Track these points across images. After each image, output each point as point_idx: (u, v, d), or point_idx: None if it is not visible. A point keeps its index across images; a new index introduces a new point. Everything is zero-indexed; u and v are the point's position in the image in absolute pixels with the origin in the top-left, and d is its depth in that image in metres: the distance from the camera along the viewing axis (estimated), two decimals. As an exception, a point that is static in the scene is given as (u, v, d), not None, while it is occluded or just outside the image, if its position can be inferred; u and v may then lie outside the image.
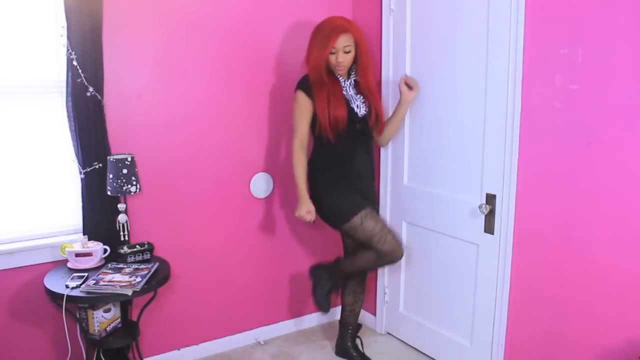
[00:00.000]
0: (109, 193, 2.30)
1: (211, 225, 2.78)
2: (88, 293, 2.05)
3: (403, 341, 3.01)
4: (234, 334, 2.96)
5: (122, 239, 2.37)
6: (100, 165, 2.34)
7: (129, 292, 2.06)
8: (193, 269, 2.75)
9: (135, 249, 2.36)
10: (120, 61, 2.41)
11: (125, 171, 2.27)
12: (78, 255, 2.27)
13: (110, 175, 2.27)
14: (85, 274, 2.19)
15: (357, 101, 2.52)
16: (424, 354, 2.87)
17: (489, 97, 2.32)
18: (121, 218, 2.36)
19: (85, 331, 2.25)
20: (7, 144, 2.30)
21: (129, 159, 2.30)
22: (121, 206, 2.36)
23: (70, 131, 2.30)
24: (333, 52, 2.42)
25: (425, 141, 2.71)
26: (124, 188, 2.28)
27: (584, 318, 2.07)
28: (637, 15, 1.79)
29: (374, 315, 3.17)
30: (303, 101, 2.48)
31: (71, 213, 2.44)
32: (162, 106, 2.56)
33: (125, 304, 2.40)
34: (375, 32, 2.88)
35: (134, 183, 2.31)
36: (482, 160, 2.39)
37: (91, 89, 2.27)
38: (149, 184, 2.53)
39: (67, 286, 2.08)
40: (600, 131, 1.94)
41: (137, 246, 2.39)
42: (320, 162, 2.57)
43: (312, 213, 2.51)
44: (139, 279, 2.14)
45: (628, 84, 1.84)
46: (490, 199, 2.36)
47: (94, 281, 2.11)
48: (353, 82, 2.54)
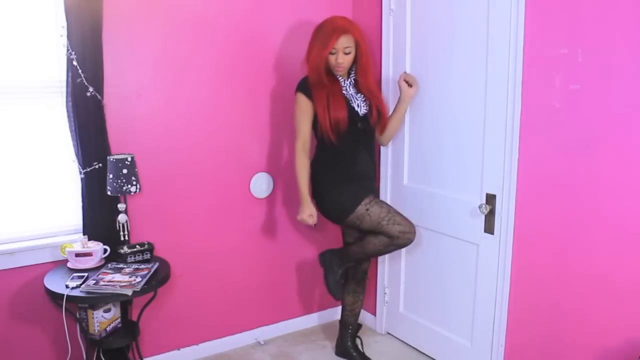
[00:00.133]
0: (109, 193, 2.30)
1: (211, 225, 2.78)
2: (88, 293, 2.05)
3: (403, 341, 3.01)
4: (234, 334, 2.96)
5: (122, 239, 2.38)
6: (100, 165, 2.34)
7: (129, 292, 2.06)
8: (193, 269, 2.75)
9: (135, 249, 2.36)
10: (120, 61, 2.41)
11: (125, 171, 2.27)
12: (78, 255, 2.27)
13: (110, 175, 2.27)
14: (85, 274, 2.19)
15: (358, 100, 2.51)
16: (424, 354, 2.87)
17: (489, 97, 2.32)
18: (121, 218, 2.36)
19: (85, 331, 2.25)
20: (7, 144, 2.30)
21: (129, 159, 2.30)
22: (121, 206, 2.36)
23: (70, 131, 2.30)
24: (333, 53, 2.42)
25: (425, 141, 2.71)
26: (124, 188, 2.28)
27: (584, 318, 2.07)
28: (637, 15, 1.79)
29: (374, 315, 3.17)
30: (303, 103, 2.48)
31: (71, 213, 2.44)
32: (162, 106, 2.56)
33: (125, 304, 2.40)
34: (375, 32, 2.88)
35: (134, 183, 2.31)
36: (482, 160, 2.39)
37: (91, 89, 2.27)
38: (149, 184, 2.53)
39: (67, 286, 2.09)
40: (600, 131, 1.93)
41: (137, 246, 2.39)
42: (322, 163, 2.56)
43: (314, 217, 2.51)
44: (139, 279, 2.14)
45: (628, 84, 1.84)
46: (490, 199, 2.36)
47: (94, 281, 2.11)
48: (353, 82, 2.54)
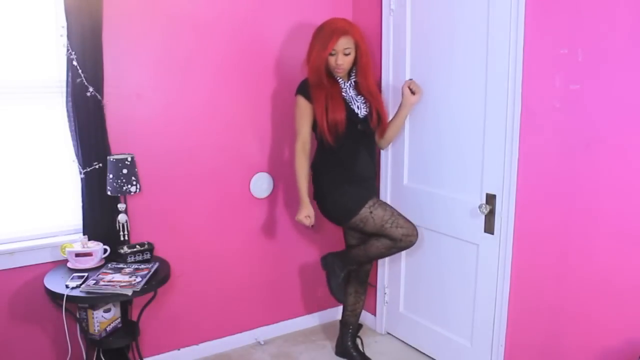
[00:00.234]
0: (109, 193, 2.30)
1: (211, 225, 2.78)
2: (88, 293, 2.05)
3: (403, 341, 3.01)
4: (234, 334, 2.96)
5: (122, 239, 2.38)
6: (100, 165, 2.34)
7: (129, 292, 2.06)
8: (193, 268, 2.75)
9: (135, 249, 2.36)
10: (120, 61, 2.41)
11: (125, 171, 2.27)
12: (78, 255, 2.27)
13: (110, 175, 2.27)
14: (85, 274, 2.19)
15: (358, 102, 2.51)
16: (424, 354, 2.87)
17: (489, 97, 2.32)
18: (121, 218, 2.36)
19: (85, 331, 2.25)
20: (7, 144, 2.30)
21: (129, 159, 2.30)
22: (121, 206, 2.36)
23: (70, 131, 2.30)
24: (332, 54, 2.42)
25: (425, 141, 2.71)
26: (124, 188, 2.28)
27: (584, 318, 2.07)
28: (637, 15, 1.79)
29: (374, 315, 3.17)
30: (303, 105, 2.48)
31: (71, 213, 2.44)
32: (162, 106, 2.56)
33: (125, 304, 2.40)
34: (376, 33, 2.88)
35: (134, 183, 2.31)
36: (482, 160, 2.39)
37: (91, 89, 2.27)
38: (149, 184, 2.53)
39: (67, 286, 2.09)
40: (600, 131, 1.93)
41: (137, 246, 2.39)
42: (323, 164, 2.56)
43: (312, 218, 2.52)
44: (139, 279, 2.14)
45: (628, 83, 1.84)
46: (490, 199, 2.36)
47: (94, 281, 2.11)
48: (353, 83, 2.54)
